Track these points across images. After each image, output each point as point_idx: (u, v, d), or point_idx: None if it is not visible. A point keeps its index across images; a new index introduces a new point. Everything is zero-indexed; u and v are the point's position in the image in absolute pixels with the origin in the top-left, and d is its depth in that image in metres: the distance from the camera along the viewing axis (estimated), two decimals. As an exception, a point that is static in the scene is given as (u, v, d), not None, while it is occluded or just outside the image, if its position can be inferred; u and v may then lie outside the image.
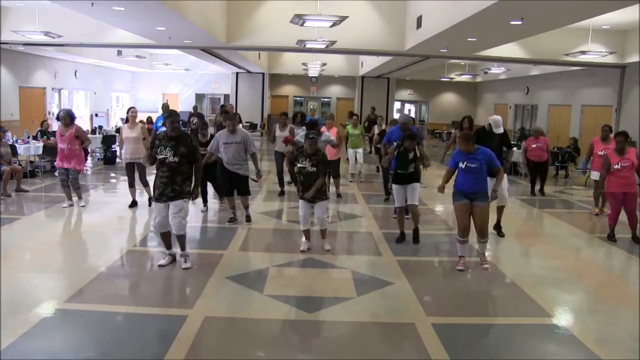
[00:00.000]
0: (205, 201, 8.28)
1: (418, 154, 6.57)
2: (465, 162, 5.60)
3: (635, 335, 4.24)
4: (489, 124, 7.09)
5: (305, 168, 6.05)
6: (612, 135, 8.45)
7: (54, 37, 11.00)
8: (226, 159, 7.13)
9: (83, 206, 8.29)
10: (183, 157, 5.37)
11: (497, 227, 7.23)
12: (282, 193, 9.72)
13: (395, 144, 6.85)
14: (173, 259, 5.68)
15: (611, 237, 7.19)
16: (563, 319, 4.66)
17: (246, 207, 7.51)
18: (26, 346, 3.75)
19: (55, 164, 8.49)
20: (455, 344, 4.11)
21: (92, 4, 8.26)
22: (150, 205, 8.26)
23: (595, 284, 5.73)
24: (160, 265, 5.55)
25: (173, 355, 3.70)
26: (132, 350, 3.81)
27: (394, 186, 6.72)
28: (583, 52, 11.25)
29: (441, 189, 5.90)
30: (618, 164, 7.02)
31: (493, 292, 5.44)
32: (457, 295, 5.25)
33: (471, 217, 5.70)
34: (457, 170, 5.75)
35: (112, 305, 4.59)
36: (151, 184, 8.35)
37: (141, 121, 9.29)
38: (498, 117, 7.21)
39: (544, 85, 19.18)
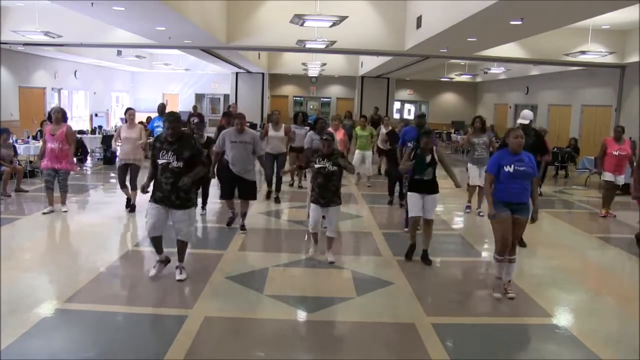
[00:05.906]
0: (204, 203, 8.13)
1: (437, 158, 5.91)
2: (513, 165, 4.78)
3: (635, 335, 4.24)
4: (519, 124, 6.39)
5: (326, 168, 5.75)
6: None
7: (54, 37, 10.99)
8: (232, 159, 6.76)
9: (65, 212, 7.81)
10: (187, 161, 4.91)
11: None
12: (269, 195, 9.24)
13: (410, 145, 6.47)
14: (165, 264, 5.29)
15: None
16: (563, 319, 4.67)
17: (244, 215, 7.08)
18: (26, 346, 3.75)
19: (42, 164, 7.73)
20: (455, 344, 4.11)
21: (92, 4, 8.26)
22: (132, 211, 7.93)
23: (596, 284, 5.73)
24: (151, 277, 5.17)
25: (173, 355, 3.70)
26: (131, 350, 3.81)
27: (410, 194, 6.01)
28: (583, 52, 11.24)
29: (491, 207, 4.90)
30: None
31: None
32: (457, 295, 5.25)
33: None
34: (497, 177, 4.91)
35: (112, 305, 4.58)
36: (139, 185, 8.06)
37: (140, 122, 9.18)
38: (527, 110, 6.60)
39: (544, 85, 19.16)
